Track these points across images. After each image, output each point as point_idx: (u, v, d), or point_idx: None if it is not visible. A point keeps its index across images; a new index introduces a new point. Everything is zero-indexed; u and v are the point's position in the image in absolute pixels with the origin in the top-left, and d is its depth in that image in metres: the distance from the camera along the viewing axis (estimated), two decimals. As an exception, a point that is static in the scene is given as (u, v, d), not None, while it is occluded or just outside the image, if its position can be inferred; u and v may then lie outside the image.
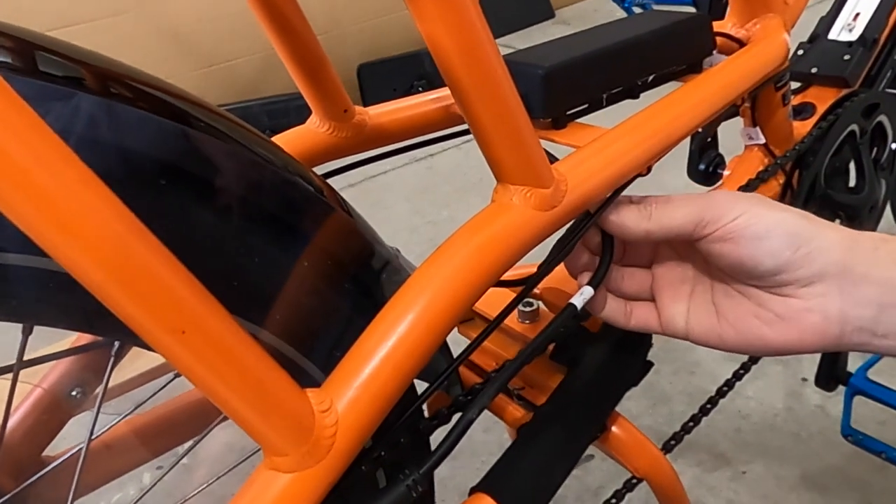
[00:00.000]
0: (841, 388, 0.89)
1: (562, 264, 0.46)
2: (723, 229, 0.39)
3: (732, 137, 0.80)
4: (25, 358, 0.40)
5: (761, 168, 0.74)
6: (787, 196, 0.79)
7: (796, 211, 0.40)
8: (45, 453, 0.59)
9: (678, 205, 0.41)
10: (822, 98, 0.83)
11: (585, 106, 0.53)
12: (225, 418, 0.32)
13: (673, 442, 0.66)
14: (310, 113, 0.56)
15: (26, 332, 0.38)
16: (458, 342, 0.47)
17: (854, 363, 0.89)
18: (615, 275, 0.46)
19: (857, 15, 0.88)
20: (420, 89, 2.51)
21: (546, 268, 0.45)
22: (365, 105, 0.58)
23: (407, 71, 2.63)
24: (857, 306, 0.37)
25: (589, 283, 0.43)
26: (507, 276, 0.41)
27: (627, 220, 0.42)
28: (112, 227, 0.24)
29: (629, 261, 0.47)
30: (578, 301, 0.42)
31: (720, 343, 0.42)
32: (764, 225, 0.38)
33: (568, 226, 0.44)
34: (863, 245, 0.38)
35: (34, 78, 0.30)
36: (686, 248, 0.44)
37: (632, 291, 0.46)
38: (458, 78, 0.36)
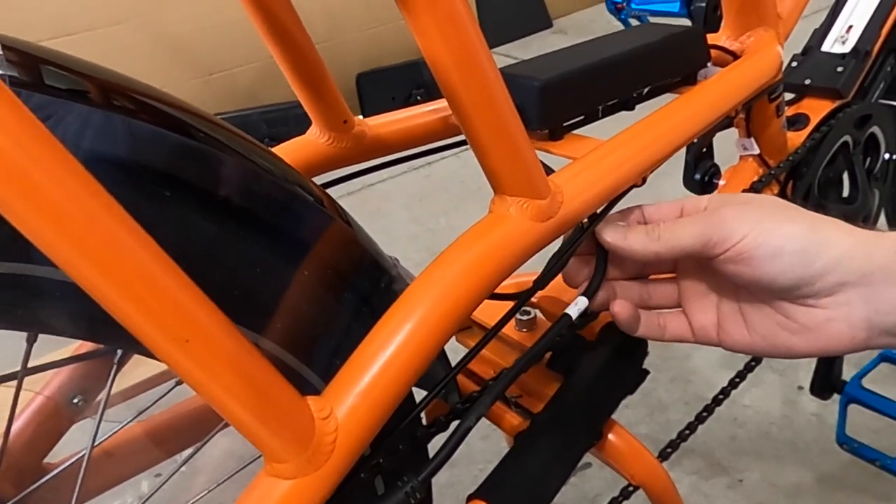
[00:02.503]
0: (836, 397, 0.89)
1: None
2: (732, 250, 0.38)
3: (727, 148, 0.81)
4: (28, 366, 0.41)
5: (755, 178, 0.75)
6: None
7: (804, 219, 0.39)
8: (45, 460, 0.59)
9: (685, 224, 0.41)
10: (816, 109, 0.84)
11: (581, 118, 0.54)
12: (226, 425, 0.32)
13: (669, 450, 0.66)
14: (309, 122, 0.56)
15: (31, 341, 0.38)
16: (456, 350, 0.48)
17: (849, 372, 0.89)
18: (641, 291, 0.46)
19: (850, 27, 0.89)
20: (419, 98, 2.52)
21: (543, 278, 0.45)
22: (364, 113, 0.59)
23: (405, 80, 2.64)
24: (882, 312, 0.37)
25: (584, 294, 0.43)
26: (504, 284, 0.42)
27: (636, 243, 0.42)
28: (117, 238, 0.25)
29: (652, 273, 0.47)
30: (573, 311, 0.43)
31: (752, 351, 0.42)
32: (772, 244, 0.38)
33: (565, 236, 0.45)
34: (881, 248, 0.37)
35: (40, 91, 0.30)
36: (706, 260, 0.44)
37: (661, 304, 0.46)
38: (455, 90, 0.36)
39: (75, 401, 0.56)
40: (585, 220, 0.45)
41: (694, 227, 0.40)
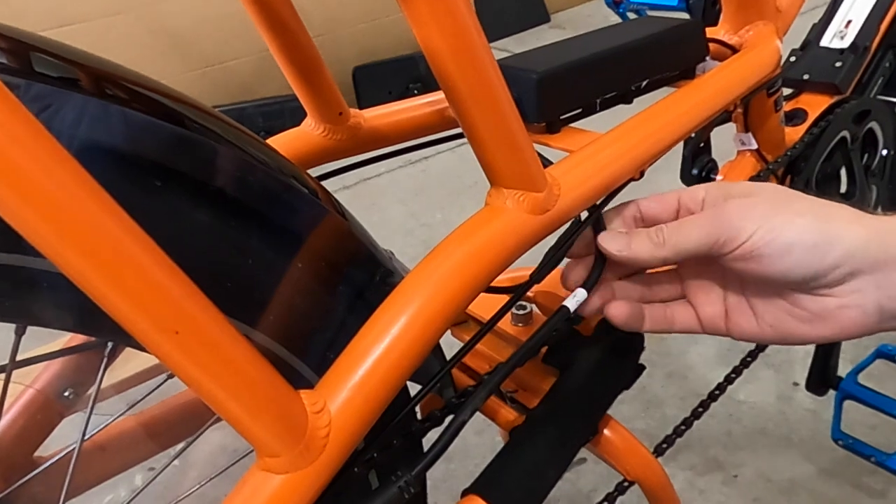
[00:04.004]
0: (832, 393, 0.89)
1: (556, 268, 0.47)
2: (741, 249, 0.37)
3: (725, 142, 0.81)
4: (18, 358, 0.40)
5: (753, 173, 0.75)
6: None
7: (812, 211, 0.38)
8: (36, 454, 0.58)
9: (691, 226, 0.39)
10: (814, 104, 0.84)
11: (579, 111, 0.53)
12: (218, 419, 0.32)
13: (665, 445, 0.66)
14: (305, 115, 0.56)
15: (19, 333, 0.38)
16: (451, 344, 0.47)
17: (844, 368, 0.90)
18: (642, 288, 0.45)
19: (849, 22, 0.88)
20: (415, 92, 2.51)
21: (540, 272, 0.45)
22: (360, 107, 0.58)
23: (402, 74, 2.63)
24: (894, 297, 0.36)
25: (583, 286, 0.43)
26: (500, 279, 0.41)
27: (641, 251, 0.41)
28: (106, 227, 0.24)
29: (652, 269, 0.46)
30: (571, 303, 0.42)
31: (762, 340, 0.42)
32: (783, 240, 0.37)
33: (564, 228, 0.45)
34: (892, 235, 0.37)
35: (29, 79, 0.30)
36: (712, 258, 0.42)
37: (665, 297, 0.45)
38: (453, 82, 0.36)
39: (66, 394, 0.56)
40: (584, 213, 0.45)
41: (700, 229, 0.39)
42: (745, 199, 0.39)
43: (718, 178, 0.78)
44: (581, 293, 0.42)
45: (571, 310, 0.42)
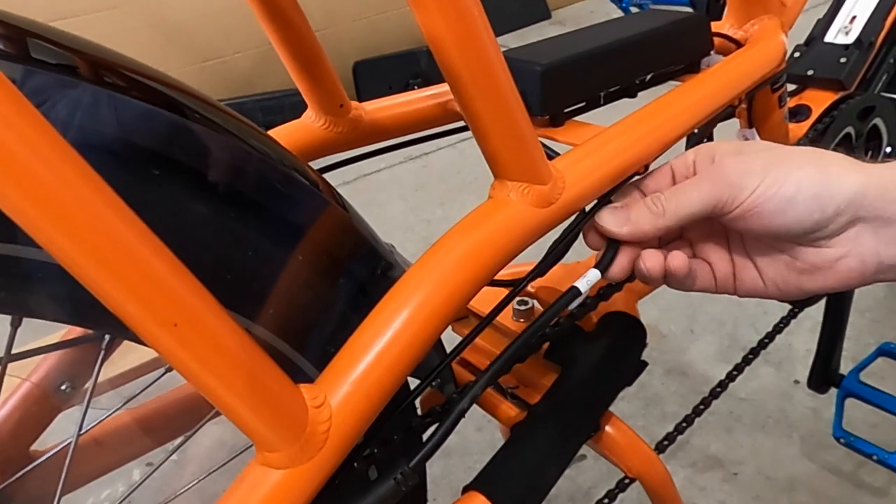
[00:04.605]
0: (832, 391, 0.89)
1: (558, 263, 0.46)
2: (743, 206, 0.37)
3: (728, 139, 0.80)
4: (14, 351, 0.40)
5: (757, 169, 0.74)
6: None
7: (810, 161, 0.38)
8: (33, 448, 0.58)
9: (689, 190, 0.39)
10: (818, 100, 0.83)
11: (583, 104, 0.53)
12: (217, 414, 0.32)
13: (666, 442, 0.66)
14: (304, 110, 0.55)
15: (15, 325, 0.37)
16: (451, 340, 0.47)
17: (846, 365, 0.89)
18: (658, 259, 0.42)
19: (854, 18, 0.88)
20: (416, 87, 2.50)
21: (542, 266, 0.44)
22: (361, 102, 0.57)
23: (403, 69, 2.63)
24: (892, 244, 0.37)
25: (596, 266, 0.42)
26: (501, 274, 0.41)
27: (642, 223, 0.40)
28: (103, 217, 0.24)
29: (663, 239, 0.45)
30: (583, 284, 0.41)
31: (766, 296, 0.42)
32: (784, 192, 0.36)
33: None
34: (891, 182, 0.37)
35: (26, 64, 0.29)
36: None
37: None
38: (457, 71, 0.35)
39: (63, 387, 0.55)
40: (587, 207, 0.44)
41: (699, 191, 0.38)
42: (740, 155, 0.39)
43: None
44: (594, 273, 0.41)
45: (582, 291, 0.41)
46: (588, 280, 0.41)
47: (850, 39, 0.86)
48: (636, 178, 0.44)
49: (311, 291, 0.40)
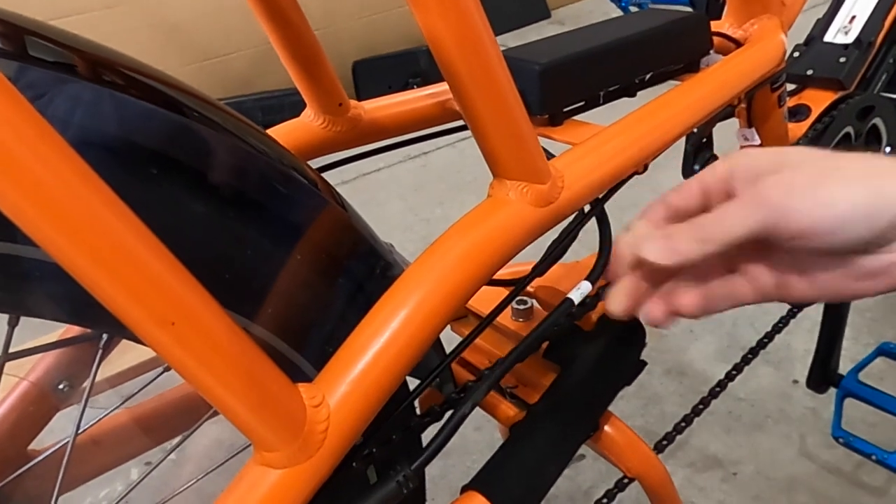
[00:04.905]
0: (832, 391, 0.89)
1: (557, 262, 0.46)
2: (790, 230, 0.35)
3: (728, 139, 0.80)
4: (11, 350, 0.40)
5: (756, 169, 0.74)
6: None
7: (858, 174, 0.36)
8: (31, 447, 0.58)
9: (734, 216, 0.37)
10: (818, 100, 0.83)
11: (582, 103, 0.53)
12: (215, 413, 0.31)
13: (665, 442, 0.66)
14: (304, 109, 0.55)
15: (12, 324, 0.37)
16: (451, 341, 0.47)
17: (845, 365, 0.89)
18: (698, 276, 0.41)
19: (854, 17, 0.88)
20: (415, 87, 2.50)
21: (541, 265, 0.44)
22: (359, 102, 0.57)
23: (402, 68, 2.62)
24: None
25: (587, 279, 0.42)
26: (500, 273, 0.41)
27: (688, 251, 0.37)
28: (101, 216, 0.24)
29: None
30: (576, 295, 0.41)
31: (817, 301, 0.40)
32: (836, 214, 0.34)
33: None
34: None
35: (22, 62, 0.29)
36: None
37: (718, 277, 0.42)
38: (456, 70, 0.35)
39: (61, 387, 0.55)
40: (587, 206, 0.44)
41: (744, 218, 0.36)
42: (784, 173, 0.37)
43: (721, 173, 0.78)
44: (585, 285, 0.42)
45: (575, 301, 0.41)
46: (581, 292, 0.41)
47: (849, 39, 0.86)
48: (662, 196, 0.42)
49: (309, 291, 0.40)
